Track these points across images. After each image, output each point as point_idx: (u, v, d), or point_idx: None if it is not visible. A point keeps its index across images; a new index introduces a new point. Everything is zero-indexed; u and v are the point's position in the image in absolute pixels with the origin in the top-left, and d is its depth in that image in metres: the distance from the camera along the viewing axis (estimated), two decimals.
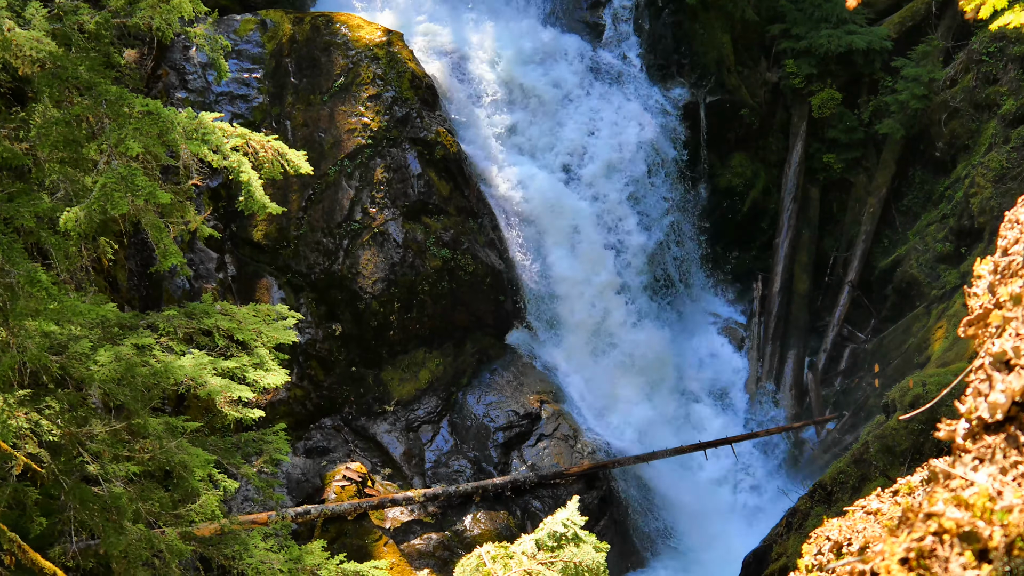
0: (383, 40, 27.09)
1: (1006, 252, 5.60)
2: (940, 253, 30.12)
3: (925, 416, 17.46)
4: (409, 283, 26.09)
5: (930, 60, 32.95)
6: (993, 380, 3.71)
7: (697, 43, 33.69)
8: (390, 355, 26.68)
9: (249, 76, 26.90)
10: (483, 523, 24.52)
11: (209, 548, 14.55)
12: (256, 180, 12.44)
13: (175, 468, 12.67)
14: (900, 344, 30.09)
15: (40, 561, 12.53)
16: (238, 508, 22.76)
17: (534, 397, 27.02)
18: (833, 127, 34.30)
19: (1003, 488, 3.19)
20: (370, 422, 26.16)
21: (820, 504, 21.02)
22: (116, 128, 11.15)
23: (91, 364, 11.91)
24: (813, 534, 8.07)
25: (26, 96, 14.93)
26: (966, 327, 5.30)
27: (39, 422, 11.89)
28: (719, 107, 33.89)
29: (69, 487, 12.13)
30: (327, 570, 15.18)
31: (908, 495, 7.48)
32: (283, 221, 25.87)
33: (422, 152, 26.55)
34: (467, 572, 10.49)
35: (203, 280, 24.71)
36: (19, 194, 11.57)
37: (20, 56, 11.10)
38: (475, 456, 26.05)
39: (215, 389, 13.17)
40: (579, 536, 10.66)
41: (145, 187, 11.01)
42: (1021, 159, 28.04)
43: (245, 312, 14.81)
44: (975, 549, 3.00)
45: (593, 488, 26.03)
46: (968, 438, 3.71)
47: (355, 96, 26.57)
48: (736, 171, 34.48)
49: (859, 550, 7.28)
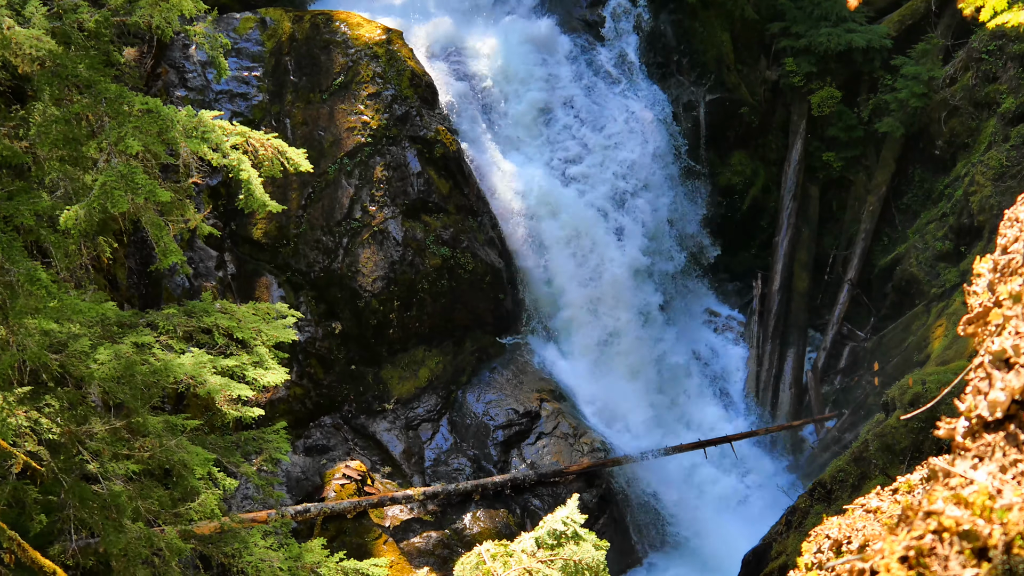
0: (383, 38, 27.10)
1: (1006, 250, 5.60)
2: (940, 251, 30.13)
3: (925, 414, 17.46)
4: (409, 281, 26.09)
5: (930, 58, 32.95)
6: (993, 378, 3.71)
7: (697, 41, 33.70)
8: (390, 353, 26.69)
9: (249, 74, 26.91)
10: (483, 521, 24.53)
11: (208, 546, 14.56)
12: (256, 178, 12.44)
13: (175, 466, 12.68)
14: (900, 342, 30.10)
15: (40, 559, 12.53)
16: (238, 506, 22.77)
17: (534, 395, 27.03)
18: (833, 125, 34.30)
19: (1003, 486, 3.19)
20: (370, 420, 26.17)
21: (820, 502, 21.03)
22: (116, 126, 11.15)
23: (91, 362, 11.92)
24: (813, 532, 8.08)
25: (26, 94, 14.92)
26: (966, 325, 5.30)
27: (39, 420, 11.89)
28: (719, 105, 33.91)
29: (69, 485, 12.13)
30: (327, 568, 15.18)
31: (908, 493, 7.49)
32: (283, 219, 25.88)
33: (422, 150, 26.56)
34: (467, 570, 10.49)
35: (203, 278, 24.71)
36: (19, 192, 11.58)
37: (20, 54, 11.10)
38: (475, 454, 26.06)
39: (215, 387, 13.16)
40: (579, 534, 10.67)
41: (145, 185, 11.01)
42: (1021, 157, 28.05)
43: (245, 310, 14.81)
44: (974, 547, 3.00)
45: (593, 486, 26.04)
46: (968, 436, 3.71)
47: (355, 94, 26.58)
48: (736, 169, 34.50)
49: (859, 548, 7.28)
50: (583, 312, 29.22)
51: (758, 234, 34.94)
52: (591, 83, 31.38)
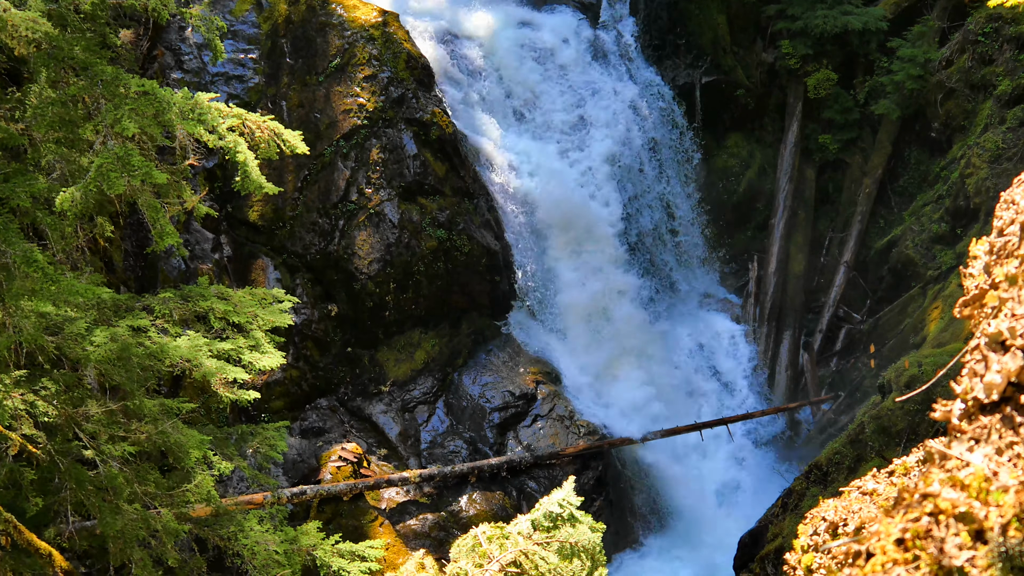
0: (378, 21, 27.04)
1: (1002, 232, 5.60)
2: (936, 234, 30.13)
3: (921, 397, 17.48)
4: (405, 263, 26.07)
5: (926, 40, 32.92)
6: (989, 360, 3.72)
7: (693, 23, 33.68)
8: (386, 336, 26.69)
9: (245, 57, 26.87)
10: (479, 503, 24.56)
11: (204, 529, 14.58)
12: (252, 160, 12.43)
13: (170, 449, 12.69)
14: (896, 325, 30.12)
15: (36, 541, 12.55)
16: (234, 488, 22.78)
17: (530, 378, 27.04)
18: (829, 108, 34.30)
19: (999, 468, 3.20)
20: (366, 402, 26.18)
21: (816, 485, 21.04)
22: (112, 108, 11.13)
23: (87, 344, 11.92)
24: (809, 515, 8.09)
25: (22, 76, 14.91)
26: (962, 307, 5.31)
27: (35, 403, 11.90)
28: (715, 88, 33.91)
29: (65, 467, 12.14)
30: (323, 551, 15.21)
31: (904, 476, 7.49)
32: (279, 202, 25.87)
33: (418, 132, 26.53)
34: (463, 552, 10.51)
35: (199, 260, 24.68)
36: (15, 174, 11.55)
37: (16, 36, 11.07)
38: (471, 437, 26.08)
39: (210, 371, 13.18)
40: (575, 516, 10.68)
41: (141, 167, 11.00)
42: (1017, 139, 28.04)
43: (241, 295, 14.82)
44: (971, 529, 3.01)
45: (589, 468, 26.06)
46: (964, 418, 3.71)
47: (351, 77, 26.54)
48: (732, 152, 34.50)
49: (855, 530, 7.30)
50: (580, 293, 29.22)
51: (754, 216, 34.94)
52: (588, 65, 31.35)
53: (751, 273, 34.09)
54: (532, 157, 29.20)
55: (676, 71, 33.58)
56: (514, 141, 29.41)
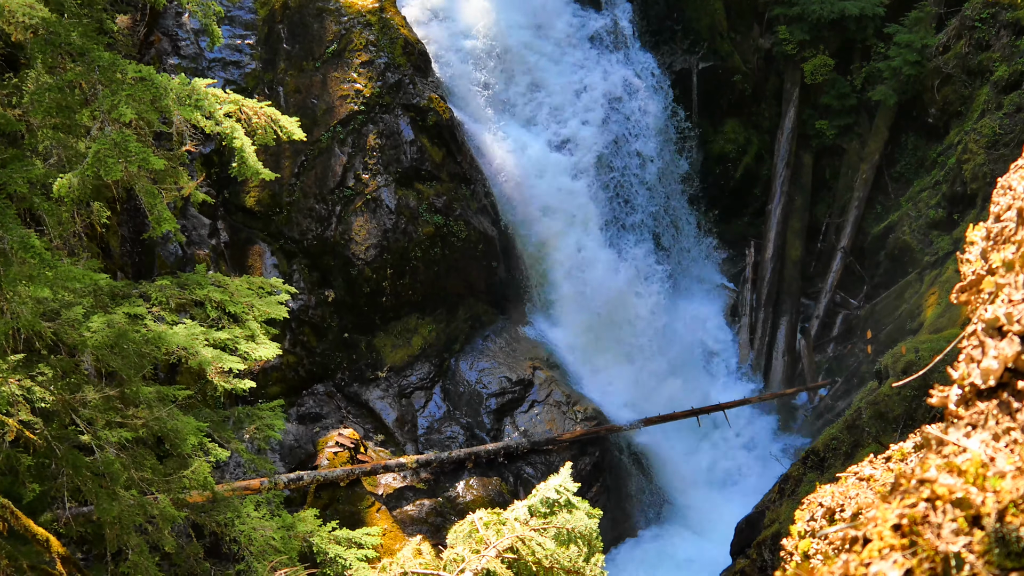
0: (375, 6, 27.00)
1: (999, 218, 5.60)
2: (933, 219, 30.15)
3: (918, 382, 17.49)
4: (402, 249, 26.07)
5: (923, 26, 32.88)
6: (986, 346, 3.71)
7: (690, 9, 33.64)
8: (383, 321, 26.69)
9: (242, 42, 26.85)
10: (476, 489, 24.57)
11: (201, 515, 14.59)
12: (249, 146, 12.42)
13: (167, 435, 12.69)
14: (893, 310, 30.14)
15: (33, 527, 12.55)
16: (231, 474, 22.79)
17: (527, 363, 27.05)
18: (826, 93, 34.30)
19: (996, 454, 3.20)
20: (363, 388, 26.19)
21: (813, 470, 21.09)
22: (109, 94, 11.12)
23: (84, 330, 11.92)
24: (806, 500, 8.09)
25: (19, 62, 14.88)
26: (959, 293, 5.31)
27: (32, 388, 11.89)
28: (712, 73, 33.88)
29: (62, 453, 12.14)
30: (319, 537, 15.23)
31: (901, 461, 7.49)
32: (276, 187, 25.86)
33: (415, 118, 26.51)
34: (460, 538, 10.51)
35: (196, 246, 24.66)
36: (12, 160, 11.55)
37: (13, 22, 11.06)
38: (468, 422, 26.10)
39: (207, 360, 13.19)
40: (572, 502, 10.68)
41: (138, 153, 10.99)
42: (1013, 125, 28.05)
43: (238, 284, 14.82)
44: (967, 515, 3.01)
45: (586, 454, 26.08)
46: (961, 404, 3.71)
47: (348, 62, 26.51)
48: (729, 137, 34.48)
49: (852, 516, 7.30)
50: (576, 280, 29.21)
51: (751, 202, 34.96)
52: (584, 50, 31.31)
53: (748, 259, 34.10)
54: (525, 143, 29.16)
55: (673, 56, 33.55)
56: (507, 127, 29.36)
